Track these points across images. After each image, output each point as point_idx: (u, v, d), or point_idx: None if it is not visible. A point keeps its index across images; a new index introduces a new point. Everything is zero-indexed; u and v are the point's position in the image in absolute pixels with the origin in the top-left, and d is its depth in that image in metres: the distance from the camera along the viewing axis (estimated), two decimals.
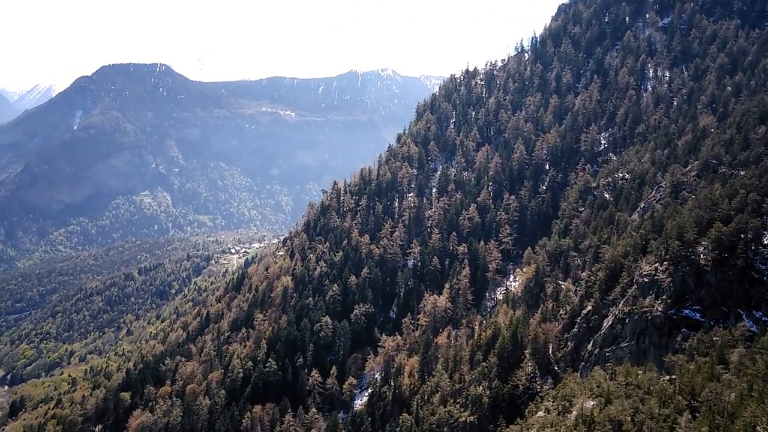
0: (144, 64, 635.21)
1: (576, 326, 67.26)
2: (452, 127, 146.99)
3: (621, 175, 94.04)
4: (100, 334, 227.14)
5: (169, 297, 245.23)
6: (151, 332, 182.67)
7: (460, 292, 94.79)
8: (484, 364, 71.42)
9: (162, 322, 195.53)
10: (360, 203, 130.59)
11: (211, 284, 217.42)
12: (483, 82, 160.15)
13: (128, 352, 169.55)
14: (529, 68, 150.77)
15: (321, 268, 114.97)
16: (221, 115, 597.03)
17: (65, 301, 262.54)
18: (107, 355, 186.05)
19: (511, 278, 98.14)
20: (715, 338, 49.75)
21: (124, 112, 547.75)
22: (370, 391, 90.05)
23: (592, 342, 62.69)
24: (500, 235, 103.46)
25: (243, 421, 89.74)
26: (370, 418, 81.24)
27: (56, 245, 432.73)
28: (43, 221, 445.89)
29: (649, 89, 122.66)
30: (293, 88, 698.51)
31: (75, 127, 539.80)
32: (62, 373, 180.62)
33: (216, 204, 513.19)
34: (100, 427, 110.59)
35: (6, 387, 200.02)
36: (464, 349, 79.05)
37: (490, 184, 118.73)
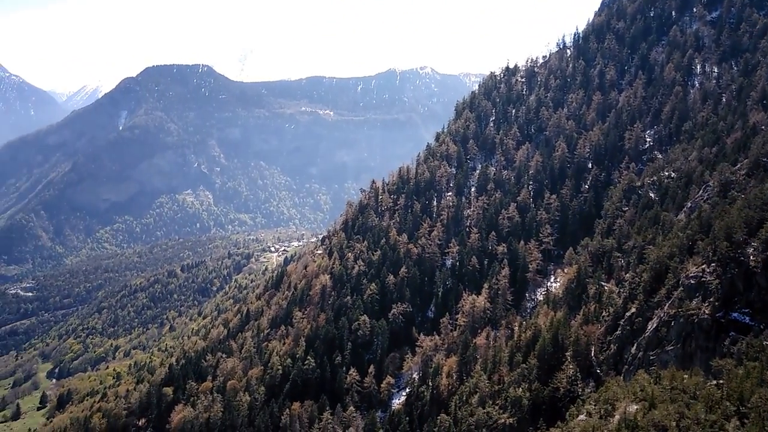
0: (187, 65, 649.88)
1: (619, 329, 65.60)
2: (492, 125, 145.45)
3: (667, 173, 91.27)
4: (144, 329, 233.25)
5: (210, 294, 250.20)
6: (193, 328, 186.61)
7: (500, 292, 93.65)
8: (524, 365, 70.35)
9: (203, 318, 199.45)
10: (398, 202, 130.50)
11: (251, 282, 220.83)
12: (523, 80, 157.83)
13: (171, 347, 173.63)
14: (571, 65, 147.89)
15: (359, 266, 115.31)
16: (261, 115, 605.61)
17: (111, 297, 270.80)
18: (151, 350, 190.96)
19: (552, 279, 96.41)
20: (765, 342, 47.75)
21: (167, 113, 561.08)
22: (407, 390, 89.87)
23: (635, 345, 61.05)
24: (541, 234, 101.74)
25: (282, 417, 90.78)
26: (407, 418, 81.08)
27: (102, 243, 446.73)
28: (89, 219, 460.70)
29: (697, 85, 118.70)
30: (332, 87, 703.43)
31: (120, 127, 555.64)
32: (107, 368, 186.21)
33: (256, 203, 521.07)
34: (143, 420, 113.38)
35: (54, 380, 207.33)
36: (503, 351, 78.04)
37: (531, 183, 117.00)
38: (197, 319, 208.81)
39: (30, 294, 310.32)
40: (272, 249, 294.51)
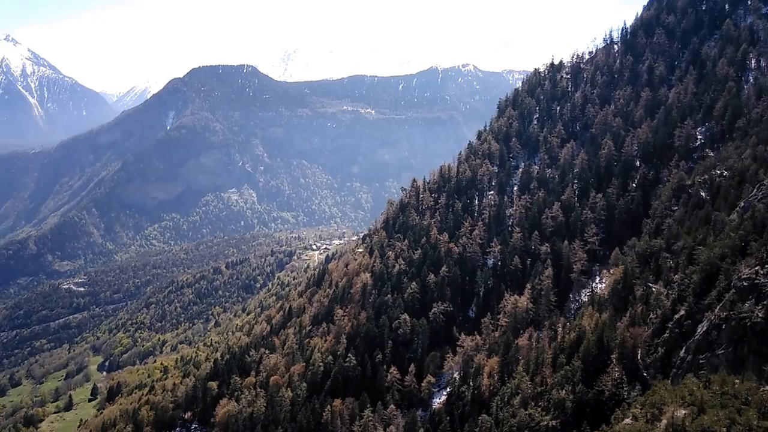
0: (232, 66, 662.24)
1: (667, 331, 63.80)
2: (535, 122, 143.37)
3: (719, 172, 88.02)
4: (190, 324, 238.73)
5: (254, 291, 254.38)
6: (237, 324, 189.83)
7: (543, 293, 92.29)
8: (568, 367, 69.18)
9: (247, 314, 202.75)
10: (439, 201, 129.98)
11: (294, 279, 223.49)
12: (569, 76, 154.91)
13: (216, 342, 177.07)
14: (618, 60, 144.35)
15: (399, 265, 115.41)
16: (304, 114, 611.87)
17: (158, 292, 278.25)
18: (196, 345, 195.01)
19: (597, 280, 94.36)
20: None
21: (213, 112, 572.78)
22: (448, 390, 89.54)
23: (684, 348, 59.28)
24: (586, 234, 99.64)
25: (323, 414, 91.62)
26: (448, 417, 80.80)
27: (150, 240, 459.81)
28: (138, 217, 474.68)
29: (751, 81, 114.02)
30: (373, 86, 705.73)
31: (168, 127, 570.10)
32: (155, 362, 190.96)
33: (298, 201, 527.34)
34: (189, 414, 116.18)
35: (104, 373, 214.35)
36: (546, 352, 76.86)
37: (576, 181, 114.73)
38: (241, 315, 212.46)
39: (82, 289, 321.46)
40: (314, 247, 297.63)
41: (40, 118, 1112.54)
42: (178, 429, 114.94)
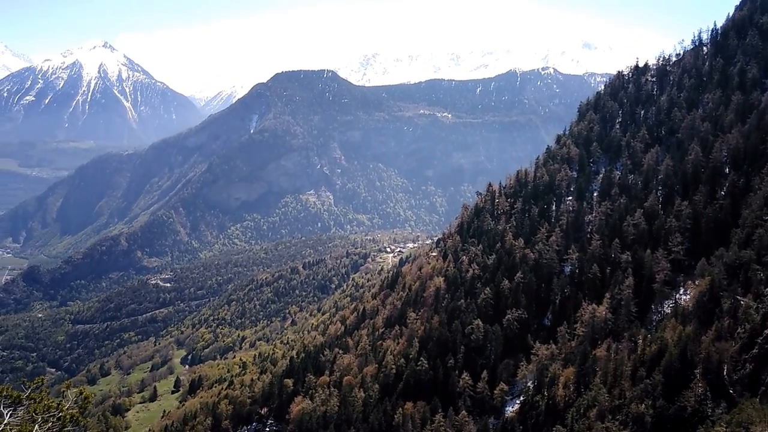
0: (313, 71, 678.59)
1: (756, 347, 60.46)
2: (618, 127, 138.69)
3: None
4: (268, 322, 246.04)
5: (329, 291, 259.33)
6: (312, 323, 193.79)
7: (622, 303, 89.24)
8: (648, 381, 66.82)
9: (322, 314, 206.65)
10: (515, 206, 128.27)
11: (368, 281, 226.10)
12: (654, 79, 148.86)
13: (292, 341, 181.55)
14: (707, 62, 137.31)
15: (473, 270, 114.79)
16: (381, 118, 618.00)
17: (239, 290, 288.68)
18: (274, 342, 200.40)
19: (681, 291, 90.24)
20: None
21: (294, 116, 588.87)
22: (521, 398, 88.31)
23: None
24: (669, 243, 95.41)
25: (395, 416, 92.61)
26: (521, 427, 79.90)
27: (233, 239, 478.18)
28: (222, 216, 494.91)
29: None
30: (451, 90, 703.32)
31: (251, 131, 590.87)
32: (234, 357, 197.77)
33: (374, 204, 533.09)
34: (265, 409, 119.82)
35: (187, 366, 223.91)
36: (625, 364, 74.46)
37: (660, 188, 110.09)
38: (316, 314, 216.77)
39: (168, 285, 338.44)
40: (388, 249, 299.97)
41: (134, 121, 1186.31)
42: (254, 424, 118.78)
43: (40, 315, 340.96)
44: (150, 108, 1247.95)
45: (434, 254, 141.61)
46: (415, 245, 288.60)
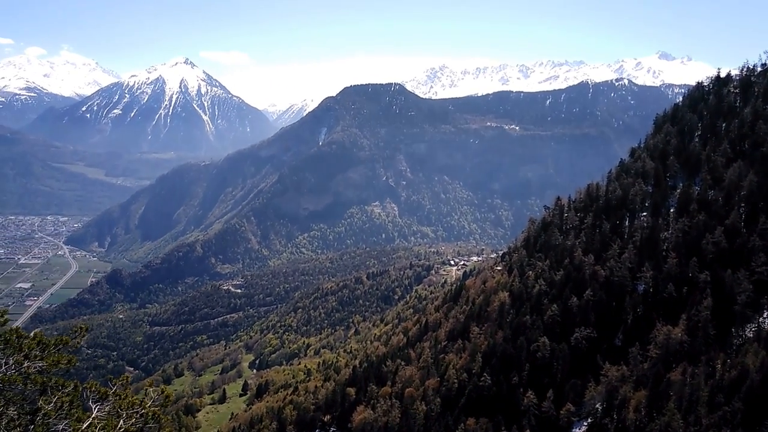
0: (380, 84, 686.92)
1: None
2: (697, 140, 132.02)
3: None
4: (332, 330, 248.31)
5: (392, 302, 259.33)
6: (375, 334, 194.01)
7: (700, 324, 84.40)
8: (727, 408, 62.77)
9: (385, 325, 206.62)
10: (585, 221, 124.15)
11: (431, 293, 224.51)
12: (737, 90, 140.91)
13: (355, 350, 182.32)
14: None
15: (540, 286, 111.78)
16: (447, 131, 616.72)
17: (305, 298, 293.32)
18: (337, 351, 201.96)
19: (765, 314, 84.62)
20: None
21: (361, 129, 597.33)
22: (589, 420, 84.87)
23: None
24: (753, 263, 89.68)
25: (457, 431, 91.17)
26: None
27: (300, 248, 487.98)
28: (291, 226, 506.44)
29: None
30: (519, 101, 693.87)
31: (320, 143, 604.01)
32: (299, 363, 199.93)
33: (438, 216, 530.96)
34: (328, 417, 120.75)
35: (254, 370, 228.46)
36: (702, 389, 70.28)
37: (742, 204, 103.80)
38: (379, 325, 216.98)
39: (239, 291, 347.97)
40: (452, 262, 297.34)
41: (211, 133, 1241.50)
42: (317, 431, 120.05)
43: (121, 316, 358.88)
44: (226, 121, 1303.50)
45: (499, 268, 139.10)
46: (480, 259, 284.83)
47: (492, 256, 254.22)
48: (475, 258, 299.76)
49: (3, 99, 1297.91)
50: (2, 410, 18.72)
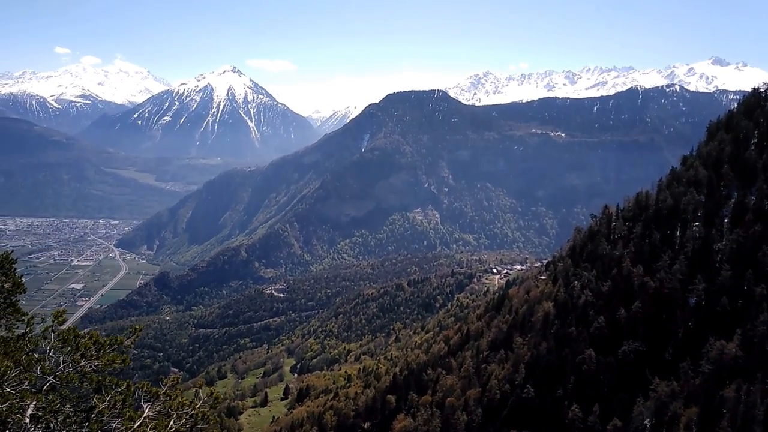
0: (423, 91, 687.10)
1: None
2: (753, 147, 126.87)
3: None
4: (373, 337, 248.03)
5: (433, 310, 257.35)
6: (415, 341, 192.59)
7: (755, 340, 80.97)
8: None
9: (426, 333, 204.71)
10: (634, 230, 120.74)
11: (473, 302, 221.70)
12: None
13: (395, 357, 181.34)
14: None
15: (586, 296, 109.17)
16: (491, 138, 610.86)
17: (346, 304, 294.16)
18: (378, 357, 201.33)
19: None
20: None
21: (403, 136, 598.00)
22: None
23: None
24: None
25: None
26: None
27: (342, 254, 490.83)
28: (333, 231, 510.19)
29: None
30: (565, 108, 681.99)
31: (363, 150, 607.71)
32: (340, 369, 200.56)
33: (481, 224, 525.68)
34: (368, 424, 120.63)
35: (296, 375, 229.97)
36: (758, 407, 67.36)
37: None
38: (420, 332, 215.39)
39: (282, 295, 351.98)
40: (494, 271, 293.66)
41: (256, 140, 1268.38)
42: None
43: (167, 318, 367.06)
44: (271, 128, 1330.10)
45: (543, 278, 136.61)
46: (523, 267, 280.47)
47: (536, 265, 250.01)
48: (518, 267, 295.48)
49: (60, 106, 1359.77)
50: (59, 407, 19.27)
